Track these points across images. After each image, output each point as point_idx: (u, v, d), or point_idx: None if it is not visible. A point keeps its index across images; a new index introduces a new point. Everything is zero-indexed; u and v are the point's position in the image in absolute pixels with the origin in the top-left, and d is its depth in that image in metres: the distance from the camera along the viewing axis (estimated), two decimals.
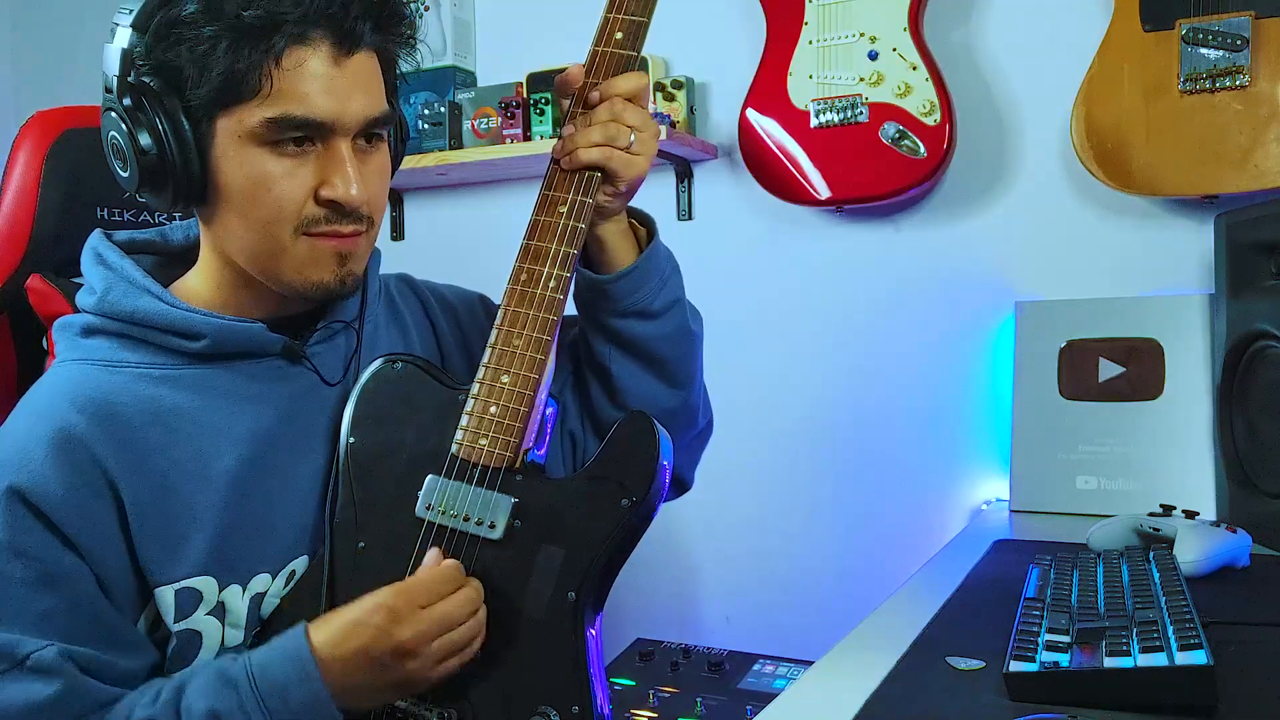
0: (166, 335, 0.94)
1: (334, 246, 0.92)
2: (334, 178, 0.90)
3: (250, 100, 0.86)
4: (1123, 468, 1.54)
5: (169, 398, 0.93)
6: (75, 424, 0.89)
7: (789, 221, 1.92)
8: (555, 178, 0.99)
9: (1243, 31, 1.48)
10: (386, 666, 0.86)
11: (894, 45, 1.71)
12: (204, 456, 0.93)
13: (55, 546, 0.86)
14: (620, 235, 1.04)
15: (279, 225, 0.90)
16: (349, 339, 1.03)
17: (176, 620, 0.90)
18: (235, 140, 0.88)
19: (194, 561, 0.91)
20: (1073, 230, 1.73)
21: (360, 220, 0.93)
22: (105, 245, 0.98)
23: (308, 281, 0.93)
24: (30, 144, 1.15)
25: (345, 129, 0.90)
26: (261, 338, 0.96)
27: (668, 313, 1.06)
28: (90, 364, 0.94)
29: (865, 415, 1.88)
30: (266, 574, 0.94)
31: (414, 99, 2.16)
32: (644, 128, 0.99)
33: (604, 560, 0.91)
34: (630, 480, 0.92)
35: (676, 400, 1.09)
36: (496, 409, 0.94)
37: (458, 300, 1.18)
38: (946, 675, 0.85)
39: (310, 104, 0.87)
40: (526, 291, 0.97)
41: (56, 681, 0.84)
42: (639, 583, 2.01)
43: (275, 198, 0.89)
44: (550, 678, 0.91)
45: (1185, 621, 0.81)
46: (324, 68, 0.87)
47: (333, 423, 1.00)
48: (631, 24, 0.99)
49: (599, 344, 1.06)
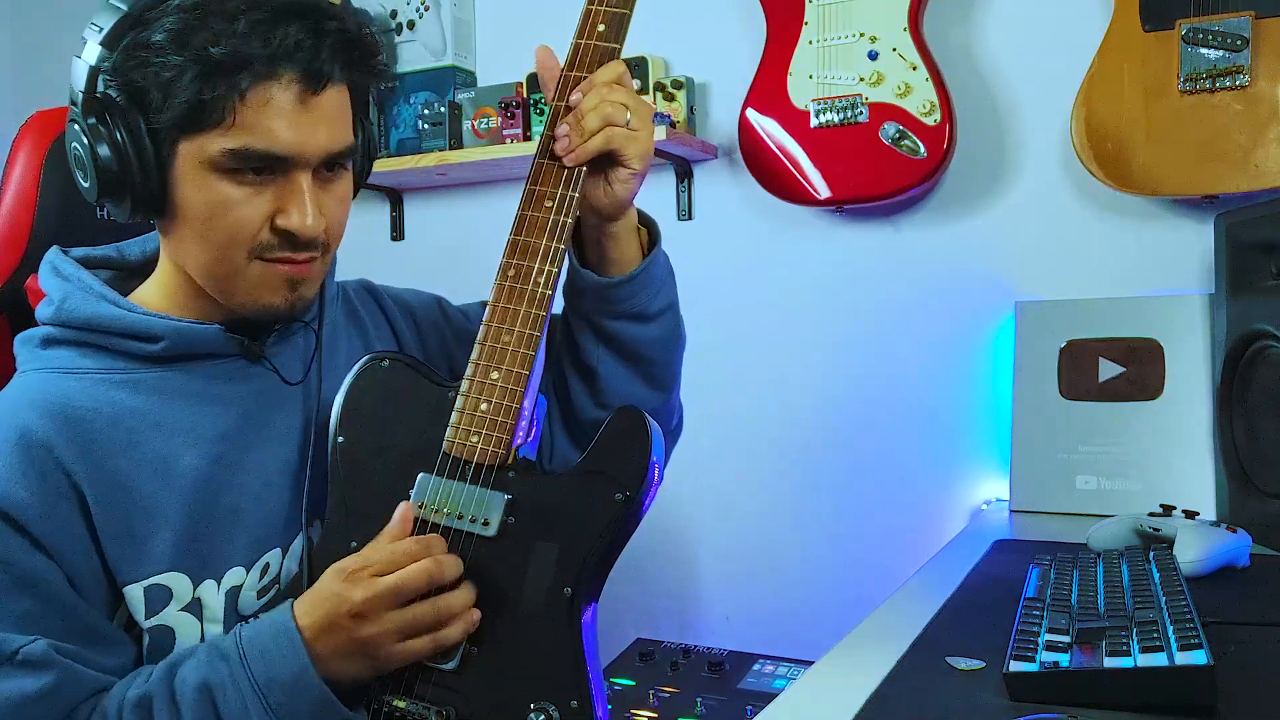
0: (124, 339, 0.95)
1: (286, 272, 0.93)
2: (291, 208, 0.90)
3: (212, 130, 0.86)
4: (1123, 468, 1.54)
5: (129, 400, 0.94)
6: (37, 428, 0.90)
7: (789, 221, 1.92)
8: (541, 172, 0.99)
9: (1243, 31, 1.48)
10: (344, 629, 0.87)
11: (894, 45, 1.71)
12: (167, 456, 0.93)
13: (26, 549, 0.87)
14: (630, 233, 1.05)
15: (233, 249, 0.91)
16: (307, 339, 1.05)
17: (147, 617, 0.92)
18: (195, 165, 0.88)
19: (161, 559, 0.92)
20: (1073, 230, 1.73)
21: (315, 248, 0.93)
22: (61, 259, 0.99)
23: (257, 304, 0.94)
24: (30, 144, 1.15)
25: (306, 162, 0.90)
26: (218, 339, 0.97)
27: (662, 316, 1.07)
28: (51, 371, 0.95)
29: (865, 415, 1.88)
30: (240, 567, 0.96)
31: (414, 99, 2.16)
32: (635, 105, 0.98)
33: (599, 555, 0.92)
34: (623, 474, 0.92)
35: (658, 402, 1.10)
36: (487, 405, 0.95)
37: (415, 302, 1.19)
38: (946, 675, 0.85)
39: (273, 138, 0.87)
40: (515, 287, 0.97)
41: (48, 674, 0.85)
42: (639, 583, 2.01)
43: (231, 223, 0.90)
44: (548, 673, 0.91)
45: (1185, 621, 0.81)
46: (290, 104, 0.87)
47: (301, 418, 1.01)
48: (614, 16, 0.99)
49: (588, 343, 1.07)
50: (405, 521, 0.92)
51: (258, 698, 0.85)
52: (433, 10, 2.14)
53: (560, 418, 1.11)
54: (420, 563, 0.88)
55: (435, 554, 0.90)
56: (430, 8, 2.14)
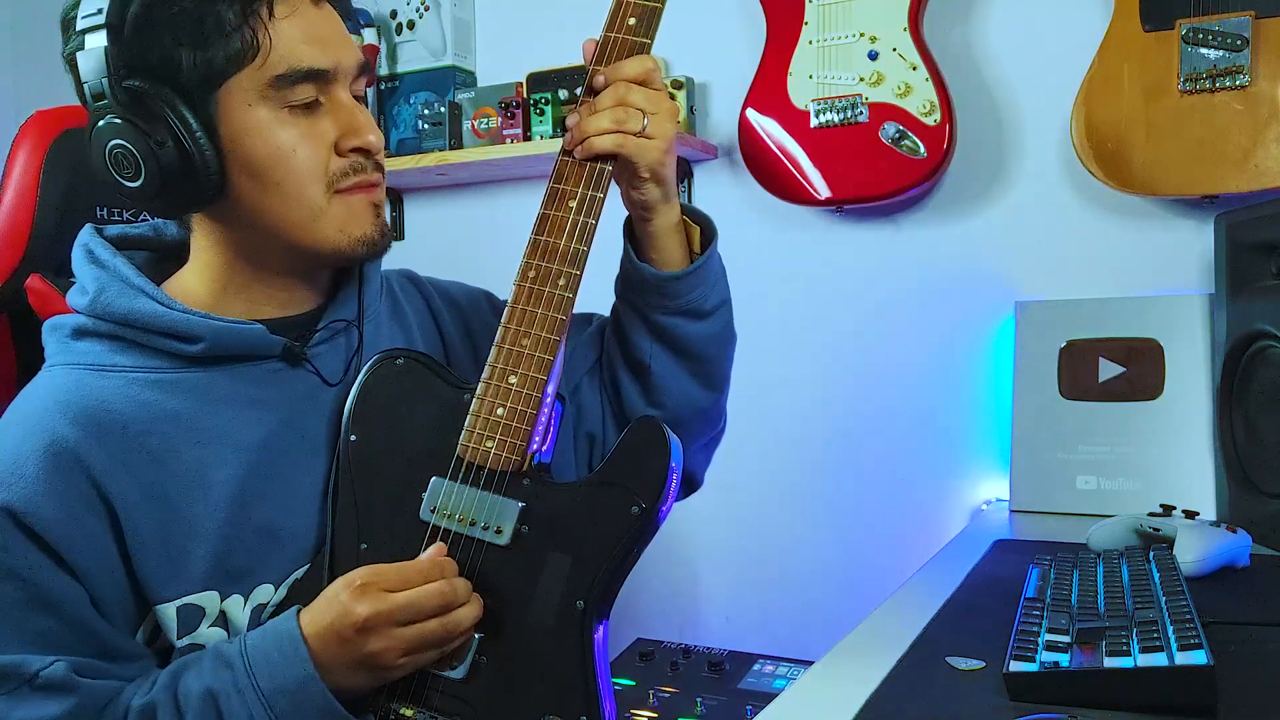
0: (162, 338, 0.91)
1: (367, 198, 0.93)
2: (350, 126, 0.91)
3: (250, 64, 0.86)
4: (1123, 468, 1.54)
5: (164, 403, 0.91)
6: (68, 437, 0.87)
7: (789, 221, 1.92)
8: (564, 170, 0.96)
9: (1243, 31, 1.48)
10: (349, 642, 0.85)
11: (894, 45, 1.71)
12: (203, 466, 0.91)
13: (49, 567, 0.85)
14: (672, 232, 1.02)
15: (311, 187, 0.90)
16: (350, 339, 1.01)
17: (180, 636, 0.89)
18: (245, 111, 0.87)
19: (195, 577, 0.89)
20: (1073, 230, 1.73)
21: (380, 168, 0.94)
22: (97, 242, 0.95)
23: (352, 238, 0.93)
24: (30, 144, 1.15)
25: (345, 74, 0.91)
26: (262, 340, 0.94)
27: (717, 312, 1.05)
28: (82, 368, 0.91)
29: (865, 415, 1.88)
30: (270, 585, 0.93)
31: (414, 99, 2.16)
32: (655, 109, 0.95)
33: (612, 567, 0.90)
34: (640, 487, 0.90)
35: (710, 400, 1.08)
36: (503, 410, 0.92)
37: (463, 296, 1.16)
38: (946, 675, 0.85)
39: (310, 54, 0.88)
40: (535, 289, 0.94)
41: (69, 698, 0.83)
42: (639, 583, 2.01)
43: (301, 161, 0.89)
44: (557, 686, 0.89)
45: (1185, 621, 0.81)
46: (310, 13, 0.89)
47: (335, 427, 0.98)
48: (645, 9, 0.96)
49: (641, 340, 1.04)
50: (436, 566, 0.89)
51: (262, 706, 0.84)
52: (433, 10, 2.14)
53: (615, 420, 1.08)
54: (434, 584, 0.87)
55: (449, 575, 0.88)
56: (430, 8, 2.14)
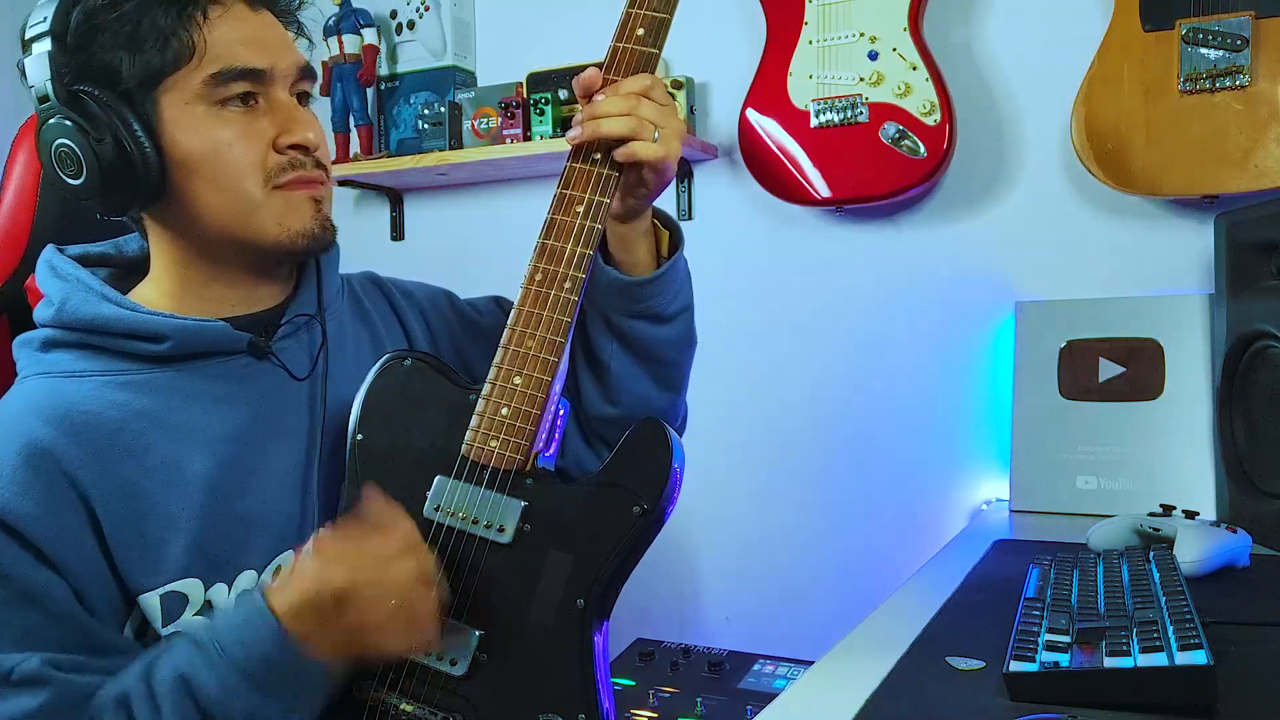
0: (128, 340, 0.94)
1: (307, 193, 0.95)
2: (287, 124, 0.93)
3: (186, 64, 0.89)
4: (1123, 468, 1.54)
5: (136, 402, 0.93)
6: (42, 437, 0.88)
7: (789, 221, 1.92)
8: (573, 176, 0.97)
9: (1243, 31, 1.48)
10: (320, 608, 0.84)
11: (894, 45, 1.71)
12: (177, 460, 0.92)
13: (30, 564, 0.85)
14: (643, 236, 1.03)
15: (248, 181, 0.92)
16: (313, 334, 1.03)
17: (165, 624, 0.90)
18: (182, 109, 0.90)
19: (175, 566, 0.91)
20: (1073, 230, 1.73)
21: (320, 167, 0.96)
22: (59, 258, 0.98)
23: (292, 231, 0.94)
24: (30, 144, 1.15)
25: (283, 76, 0.94)
26: (226, 336, 0.96)
27: (679, 317, 1.06)
28: (54, 376, 0.94)
29: (865, 415, 1.88)
30: (252, 570, 0.95)
31: (414, 99, 2.16)
32: (662, 123, 0.95)
33: (614, 567, 0.91)
34: (643, 488, 0.91)
35: (667, 401, 1.10)
36: (508, 410, 0.94)
37: (423, 295, 1.18)
38: (946, 675, 0.85)
39: (245, 55, 0.91)
40: (541, 292, 0.95)
41: (44, 691, 0.83)
42: (639, 583, 2.00)
43: (237, 155, 0.92)
44: (556, 685, 0.90)
45: (1185, 621, 0.81)
46: (246, 16, 0.92)
47: (307, 416, 1.00)
48: (654, 20, 0.96)
49: (602, 339, 1.06)
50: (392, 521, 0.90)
51: (235, 670, 0.83)
52: (433, 10, 2.14)
53: (569, 411, 1.10)
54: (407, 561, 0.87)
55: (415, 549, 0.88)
56: (430, 8, 2.14)
